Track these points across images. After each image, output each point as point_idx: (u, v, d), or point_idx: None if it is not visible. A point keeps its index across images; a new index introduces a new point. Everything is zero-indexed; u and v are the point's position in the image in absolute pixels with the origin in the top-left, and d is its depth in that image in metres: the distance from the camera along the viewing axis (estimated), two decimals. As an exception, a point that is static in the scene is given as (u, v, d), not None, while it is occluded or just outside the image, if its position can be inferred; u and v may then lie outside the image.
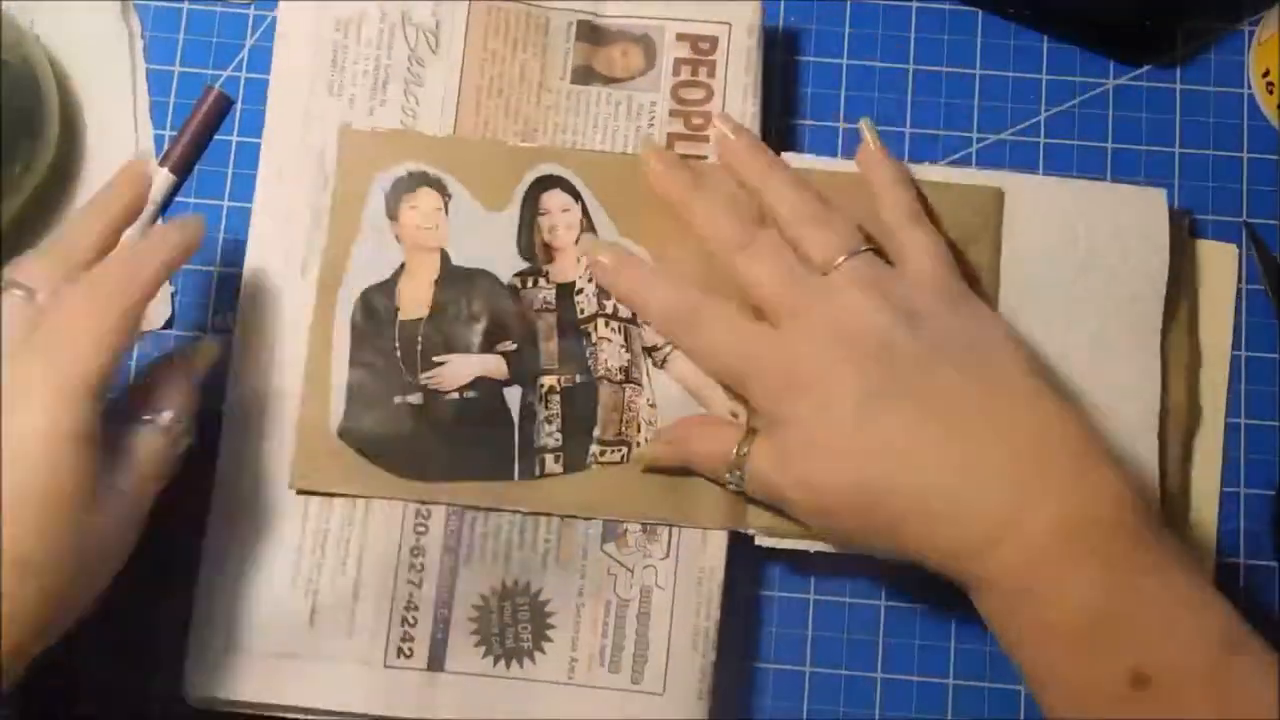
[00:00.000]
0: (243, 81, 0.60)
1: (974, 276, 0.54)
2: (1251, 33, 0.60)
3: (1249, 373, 0.57)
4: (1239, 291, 0.58)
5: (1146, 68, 0.60)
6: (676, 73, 0.56)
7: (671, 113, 0.56)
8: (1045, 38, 0.60)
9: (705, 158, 0.55)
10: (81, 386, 0.43)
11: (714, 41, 0.56)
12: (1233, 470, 0.57)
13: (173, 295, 0.58)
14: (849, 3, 0.61)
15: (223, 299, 0.58)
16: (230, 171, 0.60)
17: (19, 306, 0.45)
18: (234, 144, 0.60)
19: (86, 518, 0.43)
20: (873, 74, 0.60)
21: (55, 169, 0.58)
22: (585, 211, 0.55)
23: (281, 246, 0.55)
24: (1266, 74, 0.59)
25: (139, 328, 0.47)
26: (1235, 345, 0.57)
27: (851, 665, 0.56)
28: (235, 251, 0.58)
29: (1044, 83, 0.60)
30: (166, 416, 0.48)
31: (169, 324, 0.58)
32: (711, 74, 0.56)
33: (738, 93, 0.56)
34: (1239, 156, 0.59)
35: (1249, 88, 0.60)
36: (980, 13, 0.61)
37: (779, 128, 0.59)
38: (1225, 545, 0.56)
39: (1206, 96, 0.60)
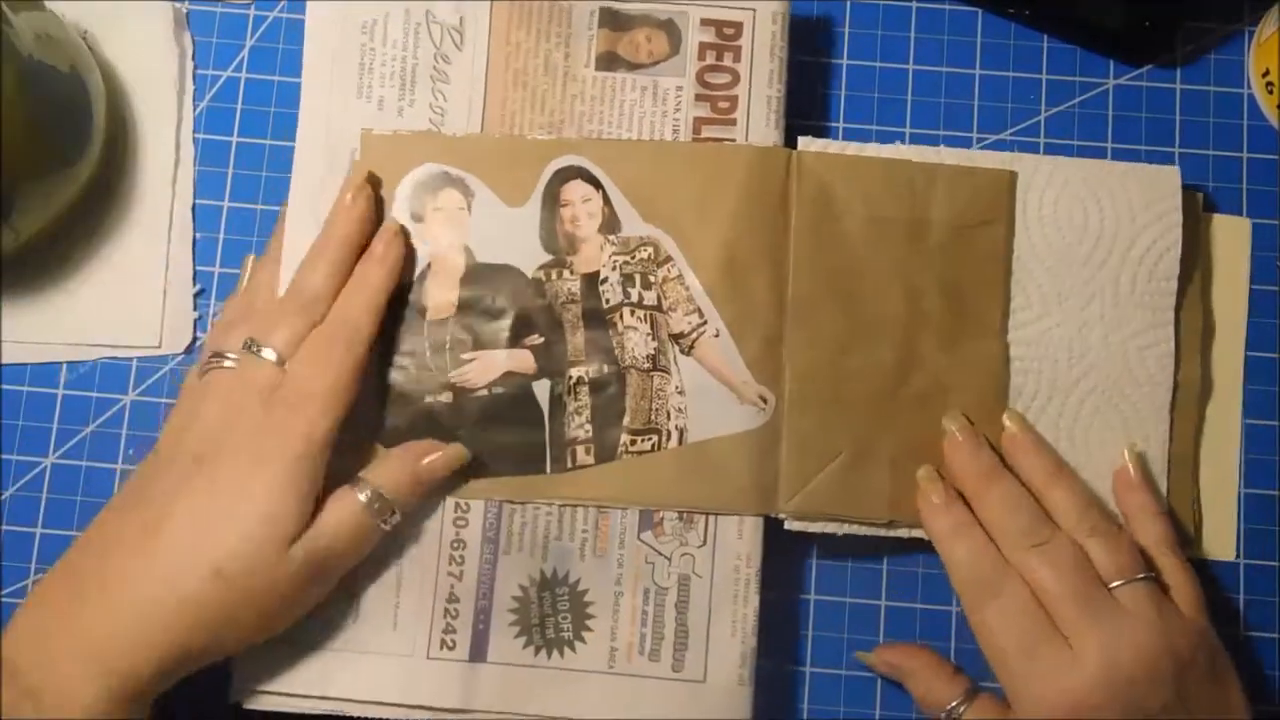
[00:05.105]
0: (243, 81, 0.60)
1: (992, 257, 0.55)
2: (1251, 33, 0.61)
3: (1249, 373, 0.58)
4: (1240, 290, 0.59)
5: (1146, 68, 0.60)
6: (701, 57, 0.56)
7: (697, 97, 0.56)
8: (1045, 38, 0.61)
9: (733, 140, 0.56)
10: (306, 453, 0.49)
11: (739, 26, 0.56)
12: (1233, 471, 0.57)
13: (196, 320, 0.58)
14: (849, 3, 0.61)
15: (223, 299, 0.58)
16: (230, 172, 0.59)
17: (270, 368, 0.50)
18: (233, 144, 0.60)
19: (278, 556, 0.48)
20: (873, 74, 0.60)
21: (97, 182, 0.58)
22: (607, 200, 0.55)
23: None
24: (1266, 74, 0.59)
25: (361, 376, 0.51)
26: (1236, 344, 0.58)
27: (851, 665, 0.56)
28: (236, 253, 0.58)
29: (1044, 83, 0.60)
30: (368, 494, 0.50)
31: (189, 348, 0.58)
32: (737, 59, 0.56)
33: (763, 77, 0.56)
34: (1239, 156, 0.59)
35: (1249, 88, 0.60)
36: (980, 13, 0.61)
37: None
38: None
39: (1206, 96, 0.60)
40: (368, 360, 0.51)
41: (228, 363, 0.51)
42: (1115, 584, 0.50)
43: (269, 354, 0.51)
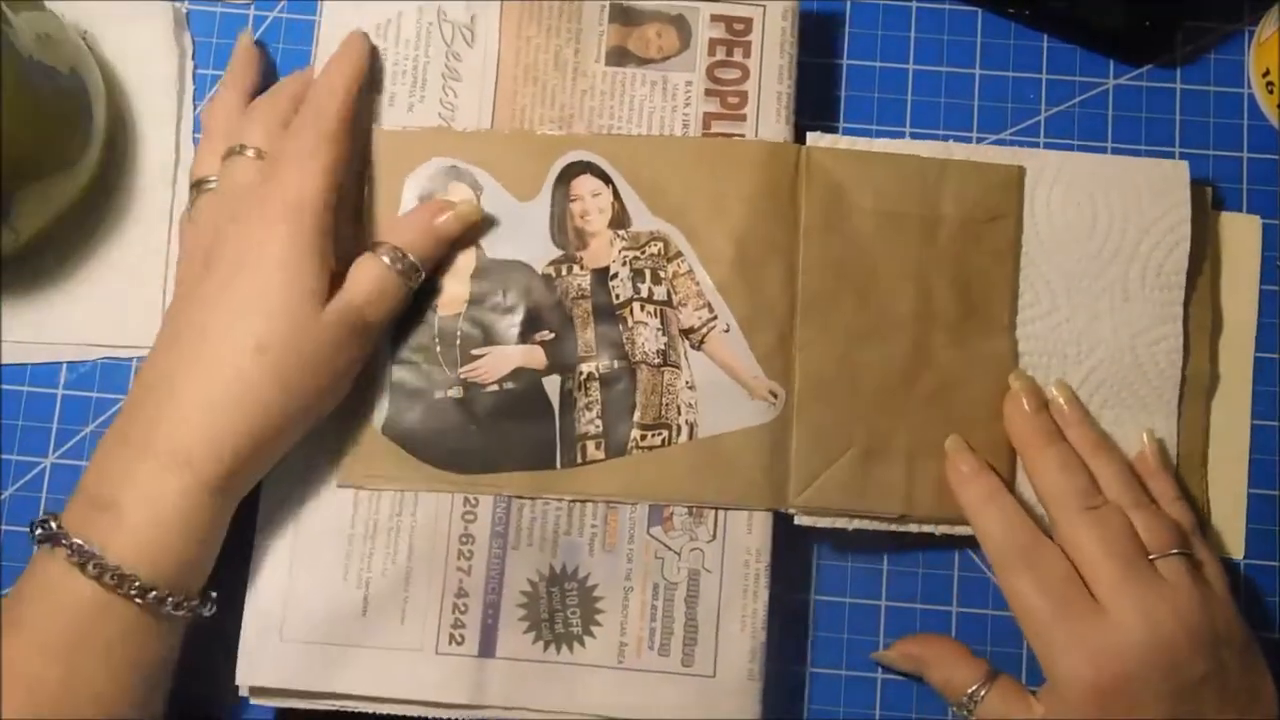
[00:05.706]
0: (243, 81, 0.60)
1: (1001, 252, 0.56)
2: (1251, 33, 0.61)
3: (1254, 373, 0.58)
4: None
5: (1146, 68, 0.61)
6: (712, 53, 0.57)
7: (707, 93, 0.56)
8: (1045, 38, 0.61)
9: (743, 135, 0.56)
10: (305, 205, 0.50)
11: (749, 22, 0.57)
12: (1233, 470, 0.57)
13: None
14: (849, 3, 0.61)
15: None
16: (230, 171, 0.60)
17: (251, 162, 0.53)
18: (233, 144, 0.60)
19: (311, 317, 0.50)
20: (873, 74, 0.60)
21: (97, 182, 0.58)
22: (616, 195, 0.55)
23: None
24: (1266, 74, 0.59)
25: (347, 145, 0.53)
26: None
27: (852, 665, 0.56)
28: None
29: (1044, 83, 0.60)
30: (389, 249, 0.52)
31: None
32: (747, 54, 0.56)
33: (773, 73, 0.56)
34: (1239, 156, 0.59)
35: (1249, 88, 0.60)
36: (980, 12, 0.61)
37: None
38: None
39: (1206, 96, 0.60)
40: (348, 134, 0.53)
41: (209, 185, 0.54)
42: (1154, 557, 0.50)
43: (250, 152, 0.53)
